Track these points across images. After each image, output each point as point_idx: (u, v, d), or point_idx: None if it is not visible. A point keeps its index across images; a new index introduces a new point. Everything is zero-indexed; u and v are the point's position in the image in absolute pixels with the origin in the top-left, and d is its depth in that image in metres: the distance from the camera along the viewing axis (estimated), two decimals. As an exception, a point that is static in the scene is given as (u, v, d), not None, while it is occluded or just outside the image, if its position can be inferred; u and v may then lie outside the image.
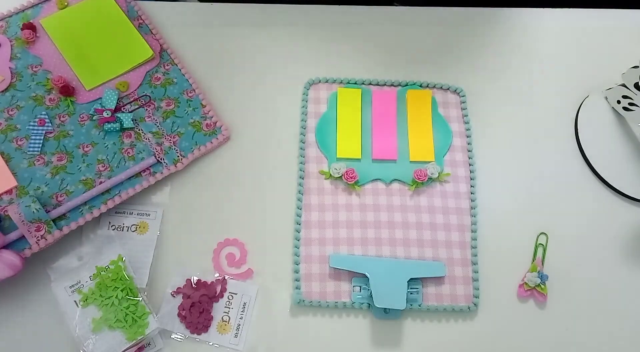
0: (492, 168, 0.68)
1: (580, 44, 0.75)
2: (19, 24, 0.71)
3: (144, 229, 0.64)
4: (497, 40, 0.75)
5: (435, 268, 0.62)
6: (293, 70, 0.72)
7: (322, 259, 0.62)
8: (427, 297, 0.61)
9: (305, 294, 0.61)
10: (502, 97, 0.72)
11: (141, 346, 0.58)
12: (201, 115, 0.68)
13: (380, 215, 0.64)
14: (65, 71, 0.69)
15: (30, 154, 0.64)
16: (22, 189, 0.62)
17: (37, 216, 0.59)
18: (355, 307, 0.61)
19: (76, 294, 0.59)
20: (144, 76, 0.70)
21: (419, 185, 0.66)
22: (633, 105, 0.66)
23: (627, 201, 0.67)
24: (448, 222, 0.64)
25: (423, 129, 0.69)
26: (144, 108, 0.68)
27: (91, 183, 0.63)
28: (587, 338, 0.61)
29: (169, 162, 0.65)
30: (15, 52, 0.69)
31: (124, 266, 0.60)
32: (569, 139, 0.70)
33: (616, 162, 0.68)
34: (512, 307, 0.62)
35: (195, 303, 0.60)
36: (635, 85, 0.65)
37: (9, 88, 0.67)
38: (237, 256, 0.63)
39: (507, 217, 0.66)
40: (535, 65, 0.74)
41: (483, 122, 0.70)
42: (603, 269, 0.64)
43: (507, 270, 0.63)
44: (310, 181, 0.66)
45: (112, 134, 0.66)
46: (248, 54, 0.73)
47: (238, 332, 0.59)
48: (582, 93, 0.72)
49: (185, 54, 0.72)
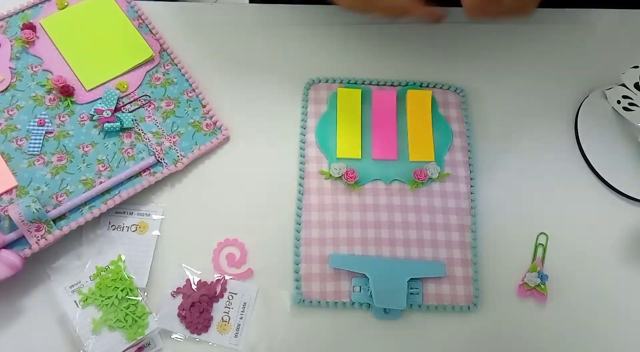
0: (492, 168, 0.68)
1: (580, 44, 0.75)
2: (19, 24, 0.71)
3: (144, 229, 0.64)
4: (497, 40, 0.75)
5: (435, 268, 0.62)
6: (293, 70, 0.72)
7: (322, 259, 0.62)
8: (427, 297, 0.61)
9: (305, 294, 0.61)
10: (502, 97, 0.72)
11: (141, 346, 0.58)
12: (201, 115, 0.68)
13: (380, 215, 0.64)
14: (65, 71, 0.69)
15: (30, 154, 0.64)
16: (22, 189, 0.62)
17: (37, 216, 0.59)
18: (355, 307, 0.61)
19: (76, 294, 0.59)
20: (144, 76, 0.70)
21: (419, 185, 0.66)
22: (633, 105, 0.66)
23: (627, 201, 0.67)
24: (448, 222, 0.64)
25: (423, 129, 0.69)
26: (144, 108, 0.68)
27: (91, 183, 0.63)
28: (587, 338, 0.61)
29: (169, 162, 0.65)
30: (15, 52, 0.69)
31: (124, 266, 0.60)
32: (569, 139, 0.70)
33: (616, 162, 0.68)
34: (512, 307, 0.62)
35: (195, 303, 0.60)
36: (635, 85, 0.65)
37: (9, 88, 0.67)
38: (237, 256, 0.63)
39: (507, 217, 0.66)
40: (535, 65, 0.74)
41: (483, 122, 0.70)
42: (603, 269, 0.64)
43: (507, 270, 0.63)
44: (310, 180, 0.66)
45: (112, 134, 0.66)
46: (248, 54, 0.73)
47: (238, 332, 0.59)
48: (582, 93, 0.72)
49: (185, 54, 0.72)
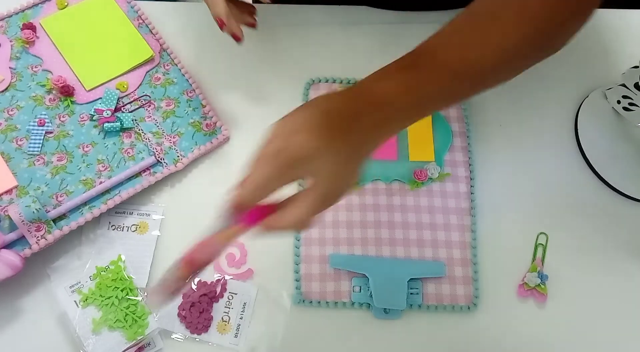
0: (492, 168, 0.68)
1: (580, 44, 0.75)
2: (19, 24, 0.71)
3: (144, 229, 0.63)
4: (497, 40, 0.75)
5: (435, 268, 0.62)
6: (293, 70, 0.72)
7: (322, 259, 0.62)
8: (427, 297, 0.61)
9: (305, 294, 0.61)
10: (502, 97, 0.72)
11: (141, 346, 0.58)
12: (201, 115, 0.68)
13: (380, 215, 0.64)
14: (65, 71, 0.69)
15: (30, 154, 0.64)
16: (22, 189, 0.62)
17: (37, 216, 0.59)
18: (355, 307, 0.61)
19: (76, 294, 0.59)
20: (144, 76, 0.70)
21: (419, 185, 0.66)
22: (633, 105, 0.66)
23: (627, 201, 0.67)
24: (448, 222, 0.64)
25: (423, 129, 0.69)
26: (144, 108, 0.68)
27: (91, 183, 0.63)
28: (587, 338, 0.61)
29: (169, 162, 0.65)
30: (15, 52, 0.69)
31: (124, 266, 0.60)
32: (569, 139, 0.70)
33: (616, 162, 0.68)
34: (512, 307, 0.62)
35: (195, 303, 0.60)
36: (635, 85, 0.65)
37: (9, 88, 0.67)
38: (237, 256, 0.63)
39: (507, 217, 0.66)
40: (535, 65, 0.74)
41: (483, 122, 0.70)
42: (603, 269, 0.64)
43: (507, 270, 0.63)
44: (310, 180, 0.66)
45: (112, 134, 0.66)
46: (248, 54, 0.73)
47: (238, 332, 0.59)
48: (582, 93, 0.72)
49: (185, 54, 0.72)
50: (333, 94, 0.46)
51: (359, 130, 0.43)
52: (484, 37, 0.48)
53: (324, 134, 0.42)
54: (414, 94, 0.46)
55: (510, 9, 0.48)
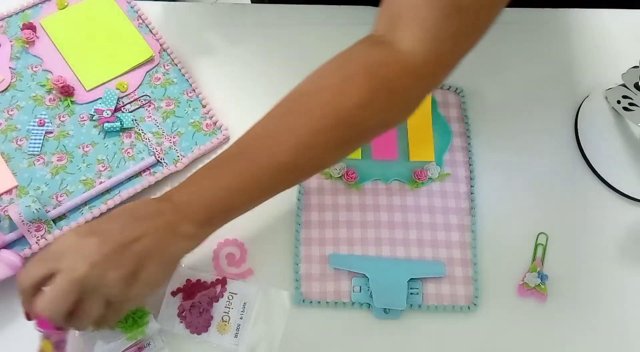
0: (492, 168, 0.68)
1: (580, 44, 0.75)
2: (19, 24, 0.71)
3: (144, 229, 0.63)
4: (497, 41, 0.75)
5: (435, 268, 0.62)
6: (294, 70, 0.72)
7: (322, 259, 0.62)
8: (427, 297, 0.61)
9: (305, 294, 0.61)
10: (502, 97, 0.72)
11: (141, 346, 0.58)
12: (201, 115, 0.68)
13: (380, 215, 0.64)
14: (65, 71, 0.69)
15: (30, 154, 0.64)
16: (22, 189, 0.62)
17: (37, 216, 0.59)
18: (355, 307, 0.61)
19: (76, 294, 0.59)
20: (144, 76, 0.70)
21: (419, 185, 0.66)
22: (633, 105, 0.66)
23: (627, 201, 0.67)
24: (448, 222, 0.64)
25: (423, 129, 0.68)
26: (144, 108, 0.68)
27: (91, 183, 0.63)
28: (587, 338, 0.61)
29: (168, 162, 0.65)
30: (15, 52, 0.69)
31: (124, 266, 0.60)
32: (569, 139, 0.70)
33: (616, 162, 0.68)
34: (512, 307, 0.62)
35: (195, 303, 0.60)
36: (635, 85, 0.65)
37: (9, 88, 0.67)
38: (237, 256, 0.63)
39: (507, 217, 0.66)
40: (535, 65, 0.74)
41: (483, 122, 0.70)
42: (603, 269, 0.64)
43: (507, 270, 0.63)
44: (310, 180, 0.66)
45: (112, 134, 0.66)
46: (248, 54, 0.73)
47: (238, 332, 0.59)
48: (582, 93, 0.72)
49: (185, 54, 0.72)
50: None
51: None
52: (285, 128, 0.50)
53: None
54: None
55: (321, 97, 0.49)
